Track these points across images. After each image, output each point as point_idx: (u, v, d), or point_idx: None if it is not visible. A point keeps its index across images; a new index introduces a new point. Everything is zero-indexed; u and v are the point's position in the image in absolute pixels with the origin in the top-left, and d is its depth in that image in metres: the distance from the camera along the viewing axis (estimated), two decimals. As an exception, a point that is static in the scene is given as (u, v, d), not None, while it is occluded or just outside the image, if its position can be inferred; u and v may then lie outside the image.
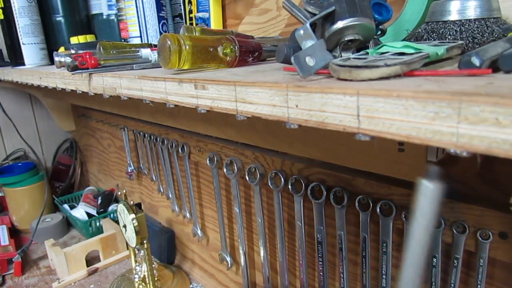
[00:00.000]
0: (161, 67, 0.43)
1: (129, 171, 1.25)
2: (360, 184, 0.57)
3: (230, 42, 0.45)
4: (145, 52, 0.56)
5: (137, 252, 0.95)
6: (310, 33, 0.31)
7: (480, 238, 0.46)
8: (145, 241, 0.90)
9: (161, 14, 0.85)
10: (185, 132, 0.93)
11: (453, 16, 0.37)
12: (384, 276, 0.56)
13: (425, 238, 0.21)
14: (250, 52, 0.47)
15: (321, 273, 0.66)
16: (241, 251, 0.83)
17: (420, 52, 0.29)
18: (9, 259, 1.17)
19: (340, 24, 0.31)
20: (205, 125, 0.78)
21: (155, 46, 0.55)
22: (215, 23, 0.79)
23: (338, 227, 0.60)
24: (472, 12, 0.37)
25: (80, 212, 1.34)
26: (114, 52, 0.58)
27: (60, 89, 0.73)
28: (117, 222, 1.23)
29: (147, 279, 0.94)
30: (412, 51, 0.30)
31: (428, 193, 0.21)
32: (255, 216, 0.78)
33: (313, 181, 0.62)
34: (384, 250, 0.55)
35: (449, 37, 0.37)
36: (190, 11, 0.81)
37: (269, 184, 0.69)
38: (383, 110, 0.22)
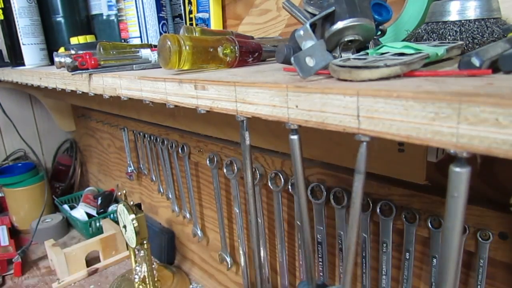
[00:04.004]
0: (161, 67, 0.43)
1: (129, 171, 1.25)
2: (360, 184, 0.57)
3: (230, 43, 0.45)
4: (145, 52, 0.56)
5: (137, 252, 0.95)
6: (310, 34, 0.31)
7: (480, 239, 0.46)
8: (145, 242, 0.90)
9: (161, 15, 0.85)
10: (185, 133, 0.93)
11: (453, 16, 0.37)
12: (384, 277, 0.56)
13: (461, 217, 0.24)
14: (250, 53, 0.47)
15: (321, 273, 0.66)
16: (241, 251, 0.83)
17: (420, 52, 0.29)
18: (9, 259, 1.17)
19: (340, 25, 0.31)
20: (205, 125, 0.78)
21: (155, 46, 0.55)
22: (215, 24, 0.79)
23: (338, 227, 0.60)
24: (472, 12, 0.37)
25: (80, 212, 1.34)
26: (114, 52, 0.58)
27: (60, 89, 0.73)
28: (117, 222, 1.23)
29: (147, 280, 0.94)
30: (412, 51, 0.30)
31: (458, 177, 0.22)
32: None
33: (313, 182, 0.62)
34: (384, 250, 0.55)
35: (449, 37, 0.37)
36: (190, 12, 0.81)
37: (269, 184, 0.69)
38: (383, 111, 0.22)
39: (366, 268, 0.59)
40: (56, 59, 0.64)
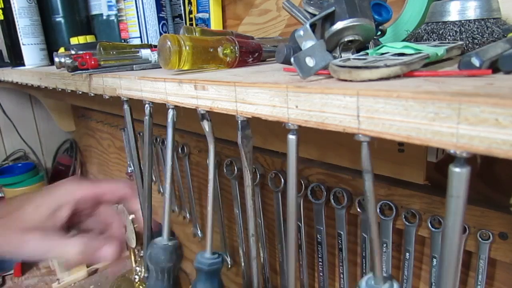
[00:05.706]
0: (161, 67, 0.43)
1: (129, 171, 1.25)
2: (360, 184, 0.57)
3: (230, 43, 0.45)
4: (145, 52, 0.56)
5: (137, 252, 0.95)
6: (310, 34, 0.31)
7: (480, 239, 0.46)
8: (145, 242, 0.90)
9: (161, 15, 0.85)
10: (185, 133, 0.92)
11: (453, 16, 0.37)
12: (384, 277, 0.56)
13: (461, 217, 0.24)
14: (250, 53, 0.47)
15: (321, 274, 0.66)
16: (241, 252, 0.83)
17: (420, 52, 0.29)
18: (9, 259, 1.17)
19: (340, 25, 0.31)
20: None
21: (155, 46, 0.55)
22: (215, 24, 0.79)
23: (338, 227, 0.60)
24: (472, 12, 0.37)
25: (80, 212, 1.34)
26: (114, 52, 0.58)
27: (60, 89, 0.73)
28: (117, 222, 1.22)
29: (147, 280, 0.94)
30: (412, 51, 0.30)
31: (458, 177, 0.22)
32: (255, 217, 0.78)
33: (313, 182, 0.62)
34: (384, 250, 0.55)
35: (449, 37, 0.37)
36: (190, 12, 0.81)
37: (269, 184, 0.69)
38: (383, 111, 0.22)
39: (366, 268, 0.59)
40: (56, 59, 0.64)
